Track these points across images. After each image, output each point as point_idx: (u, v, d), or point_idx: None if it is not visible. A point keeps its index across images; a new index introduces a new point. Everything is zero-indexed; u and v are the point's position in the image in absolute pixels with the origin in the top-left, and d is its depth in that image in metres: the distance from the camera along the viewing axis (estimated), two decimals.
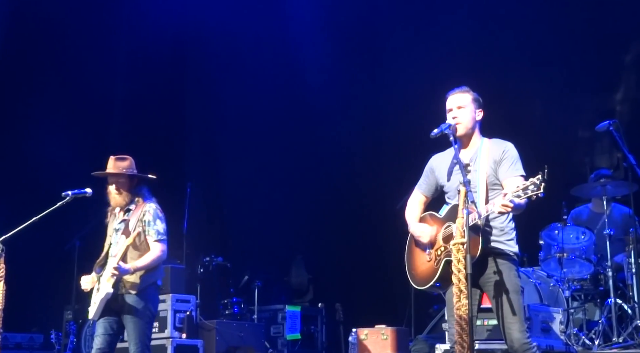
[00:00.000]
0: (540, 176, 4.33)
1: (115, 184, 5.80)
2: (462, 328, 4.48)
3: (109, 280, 5.56)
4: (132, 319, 5.60)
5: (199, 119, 11.38)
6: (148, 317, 5.68)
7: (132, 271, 5.59)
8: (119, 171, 5.80)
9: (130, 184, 5.84)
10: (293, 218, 10.64)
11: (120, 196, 5.80)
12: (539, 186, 4.33)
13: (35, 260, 9.34)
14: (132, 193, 5.84)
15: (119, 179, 5.80)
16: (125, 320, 5.62)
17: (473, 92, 4.98)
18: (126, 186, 5.81)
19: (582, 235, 7.37)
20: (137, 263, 5.63)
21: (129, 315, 5.61)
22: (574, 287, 7.27)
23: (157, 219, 5.77)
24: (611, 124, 7.00)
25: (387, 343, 7.51)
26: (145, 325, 5.64)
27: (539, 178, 4.34)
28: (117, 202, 5.83)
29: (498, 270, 4.72)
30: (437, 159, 5.07)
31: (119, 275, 5.56)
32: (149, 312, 5.68)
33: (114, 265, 5.53)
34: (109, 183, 5.84)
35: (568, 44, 9.26)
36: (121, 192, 5.80)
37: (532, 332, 6.41)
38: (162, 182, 6.03)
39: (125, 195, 5.81)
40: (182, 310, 8.20)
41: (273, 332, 9.57)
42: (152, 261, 5.68)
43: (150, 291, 5.72)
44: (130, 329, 5.60)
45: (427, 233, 4.92)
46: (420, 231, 4.96)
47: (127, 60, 11.02)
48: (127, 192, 5.82)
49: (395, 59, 10.18)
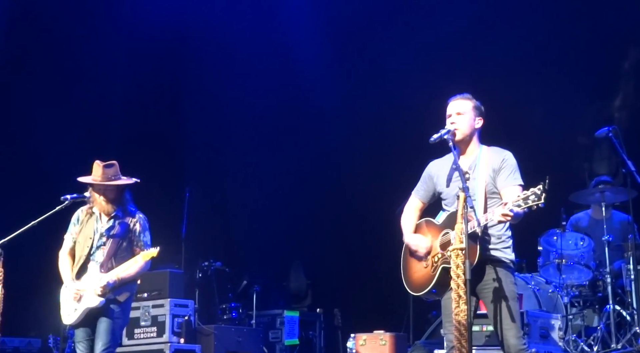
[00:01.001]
0: (542, 186, 4.33)
1: (103, 191, 5.77)
2: (461, 333, 4.48)
3: (97, 293, 5.60)
4: (108, 321, 5.65)
5: (198, 123, 11.37)
6: (123, 321, 5.80)
7: (118, 284, 5.64)
8: (108, 179, 5.76)
9: (118, 190, 5.81)
10: (292, 223, 10.63)
11: (108, 204, 5.78)
12: (540, 196, 4.33)
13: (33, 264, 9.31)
14: (118, 198, 5.82)
15: (107, 188, 5.77)
16: (100, 320, 5.66)
17: (475, 100, 4.98)
18: (114, 193, 5.80)
19: (581, 241, 7.38)
20: (123, 274, 5.67)
21: (105, 317, 5.65)
22: (572, 293, 7.27)
23: (146, 230, 5.84)
24: (610, 130, 7.02)
25: (386, 349, 7.49)
26: (117, 329, 5.75)
27: (540, 188, 4.34)
28: (103, 208, 5.80)
29: (495, 278, 4.72)
30: (435, 165, 5.06)
31: (108, 293, 5.62)
32: (125, 318, 5.82)
33: (104, 284, 5.57)
34: (96, 190, 5.79)
35: (566, 50, 9.27)
36: (109, 200, 5.78)
37: (531, 338, 6.42)
38: (161, 186, 6.03)
39: (112, 202, 5.80)
40: (181, 314, 8.19)
41: (271, 337, 9.55)
42: (135, 273, 5.75)
43: (129, 301, 5.84)
44: (104, 329, 5.64)
45: (422, 246, 4.92)
46: (416, 245, 4.95)
47: (126, 62, 11.00)
48: (115, 198, 5.80)
49: (394, 64, 10.17)
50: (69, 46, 10.39)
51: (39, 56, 10.29)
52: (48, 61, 10.30)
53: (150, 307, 8.17)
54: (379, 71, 10.41)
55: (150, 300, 8.21)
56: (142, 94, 10.78)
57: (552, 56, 9.34)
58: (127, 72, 10.95)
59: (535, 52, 9.38)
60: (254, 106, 11.17)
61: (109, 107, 10.97)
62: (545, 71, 9.30)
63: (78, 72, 10.43)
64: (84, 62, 10.50)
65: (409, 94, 9.58)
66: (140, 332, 8.13)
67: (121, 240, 5.70)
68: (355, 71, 10.65)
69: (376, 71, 10.45)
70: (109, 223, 5.78)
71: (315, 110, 10.83)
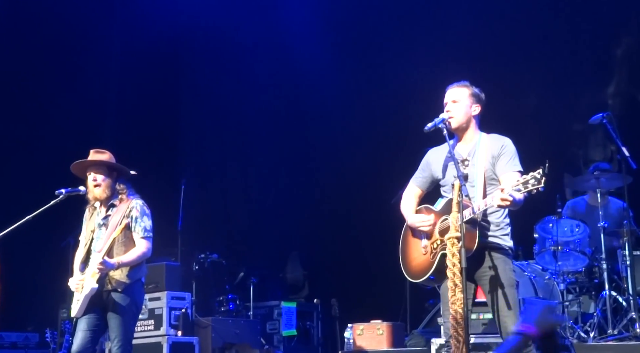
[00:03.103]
0: (541, 170, 4.34)
1: (93, 174, 5.66)
2: (458, 322, 4.50)
3: (94, 276, 5.48)
4: (117, 315, 5.53)
5: (193, 115, 11.36)
6: (133, 312, 5.64)
7: (116, 267, 5.51)
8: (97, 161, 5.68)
9: (110, 175, 5.70)
10: (288, 214, 10.63)
11: (99, 189, 5.65)
12: (540, 180, 4.34)
13: (30, 259, 9.31)
14: (112, 186, 5.70)
15: (97, 170, 5.67)
16: (109, 316, 5.56)
17: (474, 87, 4.99)
18: (105, 177, 5.68)
19: (577, 227, 7.39)
20: (122, 258, 5.54)
21: (113, 311, 5.54)
22: (568, 280, 7.28)
23: (144, 216, 5.68)
24: (604, 116, 7.03)
25: (383, 338, 7.51)
26: (129, 321, 5.60)
27: (539, 172, 4.35)
28: (95, 195, 5.67)
29: (493, 265, 4.74)
30: (433, 153, 5.08)
31: (105, 270, 5.47)
32: (134, 307, 5.64)
33: (100, 260, 5.44)
34: (87, 174, 5.69)
35: (560, 37, 9.28)
36: (99, 184, 5.65)
37: None
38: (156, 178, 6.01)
39: (104, 187, 5.66)
40: (178, 307, 8.19)
41: (269, 328, 9.56)
42: (137, 257, 5.60)
43: (136, 288, 5.66)
44: (115, 325, 5.54)
45: (427, 221, 4.90)
46: (420, 221, 4.94)
47: (122, 58, 10.97)
48: (106, 185, 5.67)
49: (390, 53, 10.17)
50: (64, 38, 10.35)
51: (34, 49, 10.25)
52: (43, 54, 10.27)
53: (147, 300, 8.13)
54: (375, 61, 10.40)
55: (147, 293, 8.15)
56: (138, 88, 10.75)
57: (546, 43, 9.34)
58: (124, 65, 10.92)
59: (529, 39, 9.38)
60: (251, 98, 11.15)
61: (105, 101, 10.96)
62: (539, 58, 9.30)
63: (73, 65, 10.41)
64: (80, 55, 10.48)
65: (406, 84, 9.57)
66: (137, 325, 8.00)
67: (118, 226, 5.57)
68: (351, 61, 10.64)
69: (372, 61, 10.44)
70: (106, 213, 5.72)
71: (313, 101, 10.82)
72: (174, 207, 9.27)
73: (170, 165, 10.83)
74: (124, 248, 5.62)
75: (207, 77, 11.22)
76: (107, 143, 6.30)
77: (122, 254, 5.59)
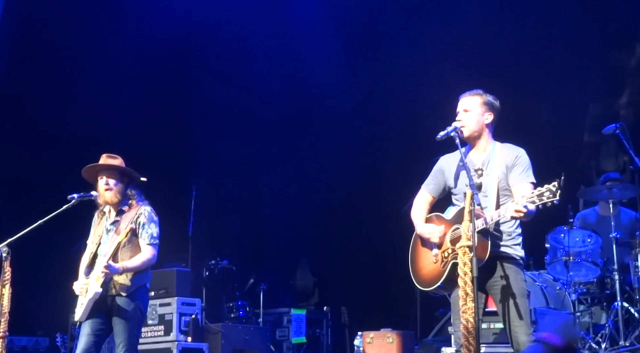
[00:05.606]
0: (557, 183, 4.33)
1: (105, 178, 5.66)
2: (469, 331, 4.47)
3: (98, 280, 5.46)
4: (121, 320, 5.52)
5: (205, 121, 11.37)
6: (138, 317, 5.61)
7: (121, 271, 5.50)
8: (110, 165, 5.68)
9: (122, 180, 5.70)
10: (298, 221, 10.63)
11: (110, 193, 5.65)
12: (555, 193, 4.33)
13: (41, 263, 9.34)
14: (123, 191, 5.70)
15: (109, 175, 5.67)
16: (114, 321, 5.55)
17: (487, 95, 4.98)
18: (116, 182, 5.68)
19: (589, 238, 7.36)
20: (127, 263, 5.53)
21: (118, 316, 5.53)
22: (580, 291, 7.26)
23: (151, 222, 5.67)
24: (617, 127, 7.02)
25: (393, 347, 7.49)
26: (134, 326, 5.58)
27: (554, 185, 4.34)
28: (106, 199, 5.67)
29: (505, 274, 4.72)
30: (447, 160, 5.06)
31: (109, 274, 5.46)
32: (139, 312, 5.61)
33: (104, 264, 5.43)
34: (99, 179, 5.70)
35: (573, 47, 9.25)
36: (111, 188, 5.65)
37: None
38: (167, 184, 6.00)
39: (115, 192, 5.66)
40: (188, 313, 8.19)
41: (278, 335, 9.56)
42: (141, 263, 5.59)
43: (141, 293, 5.65)
44: (120, 330, 5.52)
45: (436, 232, 4.90)
46: (429, 232, 4.93)
47: (133, 64, 11.00)
48: (118, 189, 5.67)
49: (401, 59, 10.15)
50: (76, 41, 10.38)
51: (45, 55, 10.29)
52: (55, 57, 10.31)
53: (157, 306, 8.18)
54: (386, 67, 10.40)
55: (157, 299, 8.21)
56: (149, 93, 10.78)
57: (559, 53, 9.32)
58: (135, 69, 10.94)
59: (542, 49, 9.36)
60: (262, 104, 11.17)
61: (116, 105, 10.98)
62: (552, 68, 9.29)
63: (85, 70, 10.44)
64: (91, 58, 10.50)
65: (417, 92, 9.57)
66: (147, 331, 8.11)
67: (125, 231, 5.56)
68: (362, 66, 10.64)
69: (383, 67, 10.44)
70: (115, 218, 5.72)
71: (323, 109, 10.82)
72: (185, 213, 9.29)
73: (181, 171, 10.84)
74: (130, 253, 5.62)
75: (219, 83, 11.23)
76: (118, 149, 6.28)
77: (127, 259, 5.58)
